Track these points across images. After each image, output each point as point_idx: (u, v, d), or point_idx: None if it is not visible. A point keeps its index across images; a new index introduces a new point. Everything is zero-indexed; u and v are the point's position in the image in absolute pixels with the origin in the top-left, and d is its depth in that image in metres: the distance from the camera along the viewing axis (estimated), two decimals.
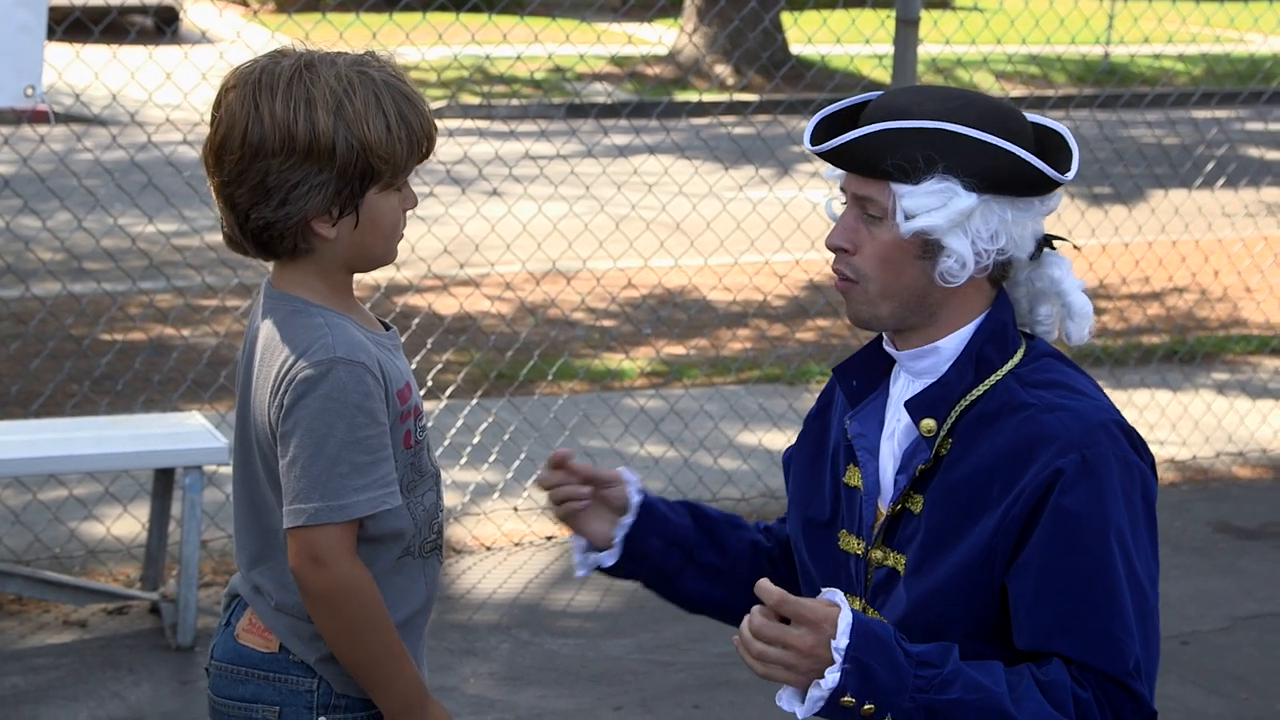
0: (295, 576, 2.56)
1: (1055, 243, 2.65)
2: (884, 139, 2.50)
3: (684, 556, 2.83)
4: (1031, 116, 2.62)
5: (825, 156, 2.56)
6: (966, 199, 2.48)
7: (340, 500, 2.51)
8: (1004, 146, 2.48)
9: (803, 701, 2.38)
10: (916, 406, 2.56)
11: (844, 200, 2.61)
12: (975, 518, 2.49)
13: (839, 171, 2.60)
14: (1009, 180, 2.50)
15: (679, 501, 2.89)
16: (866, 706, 2.36)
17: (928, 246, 2.52)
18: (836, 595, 2.41)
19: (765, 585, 2.37)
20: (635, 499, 2.82)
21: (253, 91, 2.51)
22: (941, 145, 2.48)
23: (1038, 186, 2.52)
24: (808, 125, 2.60)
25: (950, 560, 2.50)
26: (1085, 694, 2.42)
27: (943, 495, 2.52)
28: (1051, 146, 2.58)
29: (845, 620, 2.37)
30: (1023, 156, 2.49)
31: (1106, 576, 2.44)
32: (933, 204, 2.49)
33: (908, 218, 2.50)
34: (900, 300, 2.56)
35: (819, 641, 2.36)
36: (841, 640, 2.36)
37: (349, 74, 2.53)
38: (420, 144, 2.57)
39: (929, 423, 2.55)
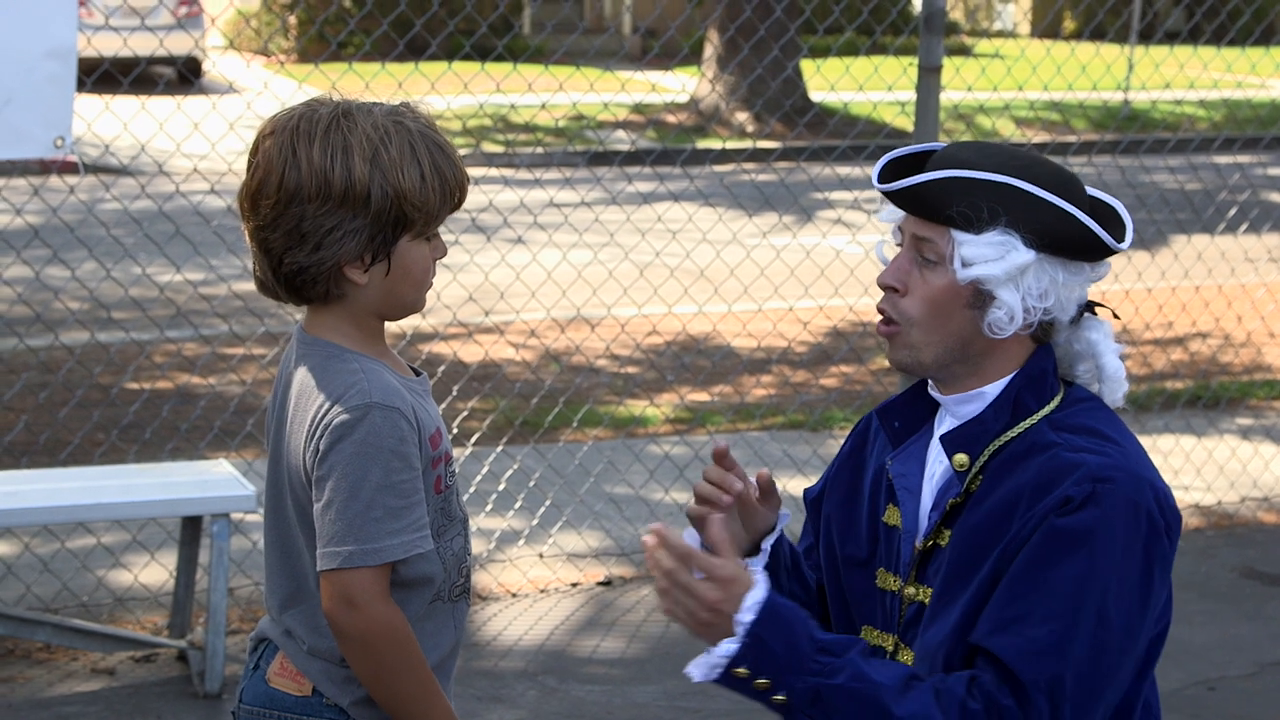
0: (329, 619, 2.57)
1: (1096, 308, 2.70)
2: (954, 186, 2.56)
3: (777, 585, 2.84)
4: (1089, 190, 2.68)
5: (892, 197, 2.62)
6: (1024, 255, 2.54)
7: (374, 544, 2.53)
8: (1067, 209, 2.55)
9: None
10: (951, 441, 2.61)
11: (898, 243, 2.66)
12: (993, 549, 2.53)
13: (896, 214, 2.66)
14: (1067, 242, 2.56)
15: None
16: (760, 681, 2.44)
17: (979, 296, 2.58)
18: (761, 575, 2.47)
19: (664, 534, 2.45)
20: (782, 520, 2.83)
21: (290, 138, 2.55)
22: (1008, 199, 2.55)
23: (1092, 252, 2.59)
24: (876, 165, 2.66)
25: (969, 591, 2.53)
26: (975, 705, 2.42)
27: (967, 530, 2.56)
28: (1105, 219, 2.64)
29: (754, 597, 2.44)
30: (1084, 221, 2.55)
31: (1061, 595, 2.44)
32: (991, 255, 2.55)
33: (965, 265, 2.56)
34: (944, 346, 2.61)
35: (725, 600, 2.43)
36: (745, 615, 2.43)
37: (385, 123, 2.57)
38: (452, 194, 2.61)
39: (961, 457, 2.60)
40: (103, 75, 6.67)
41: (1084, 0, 22.93)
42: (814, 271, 8.56)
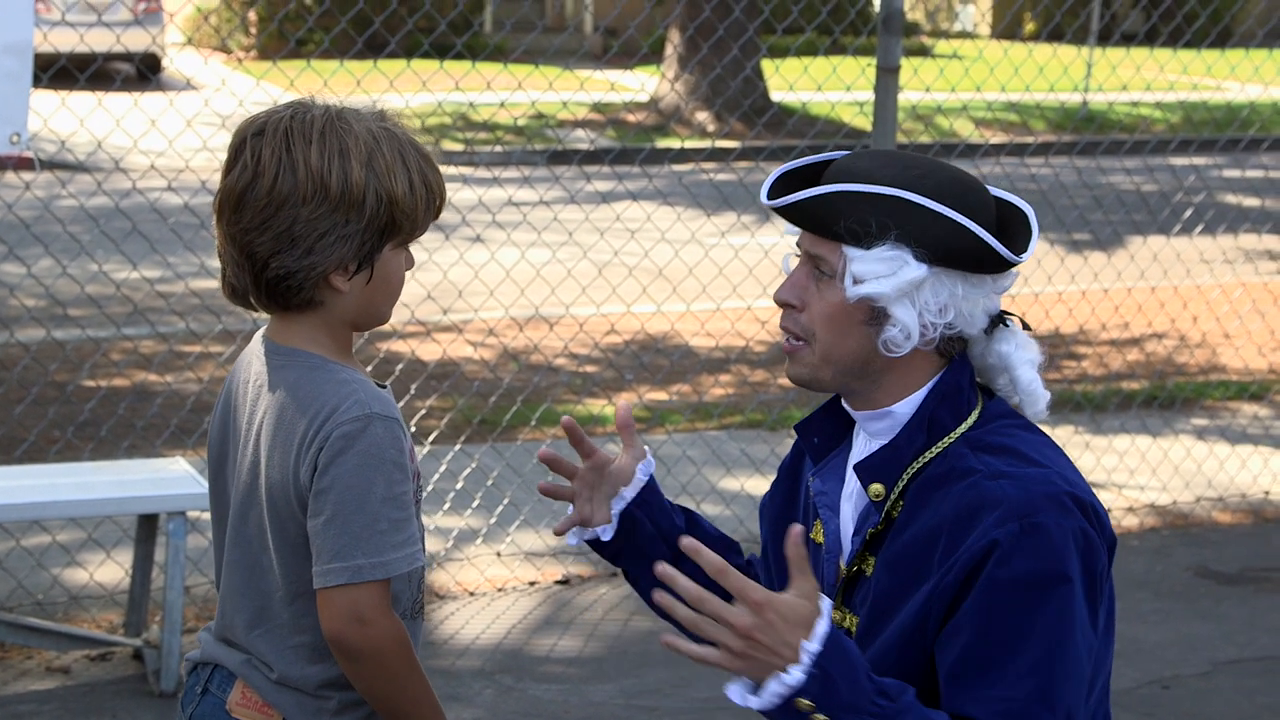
0: (335, 638, 2.50)
1: (1009, 320, 2.61)
2: (840, 200, 2.48)
3: (670, 555, 2.77)
4: (997, 192, 2.60)
5: (780, 212, 2.54)
6: (916, 270, 2.46)
7: (381, 557, 2.48)
8: (958, 220, 2.46)
9: (755, 694, 2.33)
10: (865, 470, 2.55)
11: (799, 255, 2.59)
12: (917, 583, 2.47)
13: (797, 228, 2.58)
14: (961, 255, 2.47)
15: (680, 505, 2.86)
16: (819, 717, 2.34)
17: (874, 313, 2.50)
18: (825, 603, 2.37)
19: (697, 548, 2.31)
20: (641, 477, 2.78)
21: (285, 138, 2.49)
22: (896, 213, 2.46)
23: (991, 264, 2.49)
24: (766, 180, 2.58)
25: (893, 625, 2.49)
26: None
27: (891, 559, 2.51)
28: (1012, 224, 2.55)
29: (823, 627, 2.34)
30: (976, 232, 2.46)
31: (1029, 647, 2.38)
32: (881, 270, 2.47)
33: (855, 282, 2.48)
34: (842, 365, 2.54)
35: (758, 626, 2.30)
36: (814, 645, 2.33)
37: (375, 128, 2.53)
38: (436, 202, 2.58)
39: (877, 487, 2.53)
40: (59, 71, 6.63)
41: (1043, 2, 23.03)
42: (772, 271, 8.57)
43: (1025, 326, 2.65)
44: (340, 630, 2.49)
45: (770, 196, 2.56)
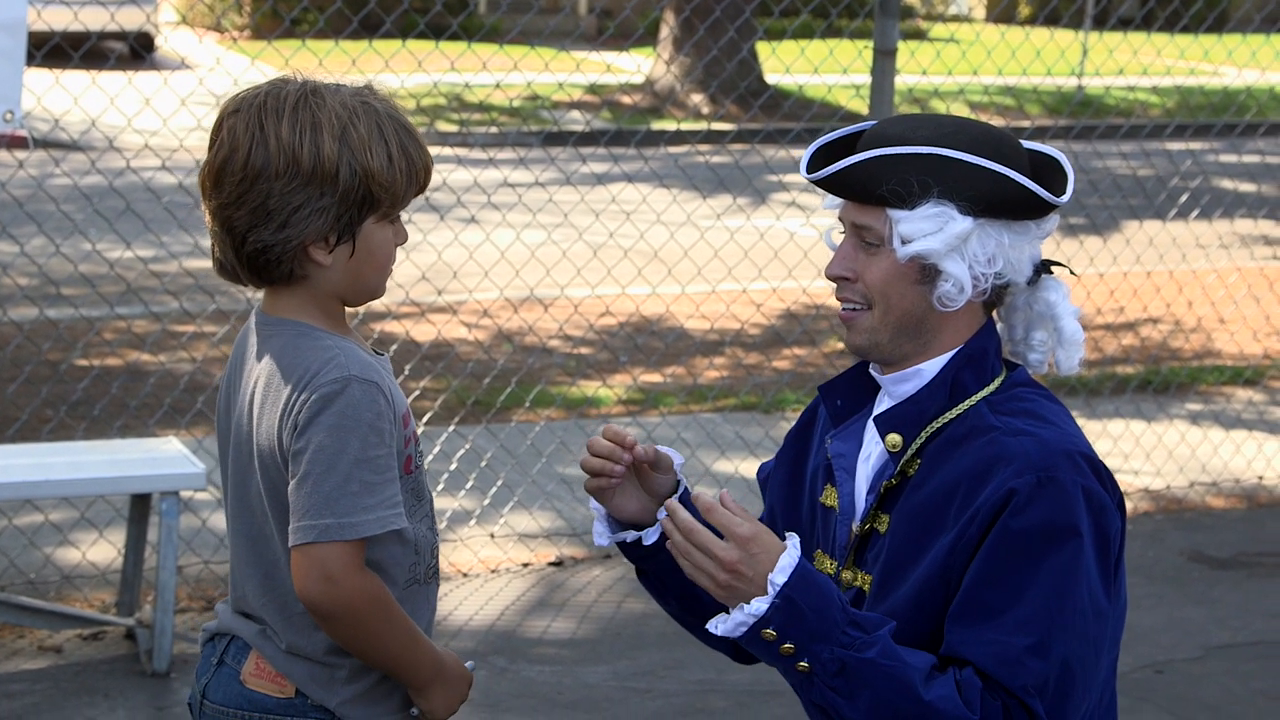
0: (305, 597, 2.52)
1: (1054, 268, 2.67)
2: (879, 165, 2.53)
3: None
4: (1028, 144, 2.65)
5: (821, 184, 2.59)
6: (962, 222, 2.52)
7: (350, 518, 2.50)
8: (997, 170, 2.52)
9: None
10: (884, 422, 2.59)
11: (843, 230, 2.63)
12: (934, 537, 2.51)
13: (838, 201, 2.62)
14: (1003, 203, 2.53)
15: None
16: (786, 645, 2.39)
17: (926, 271, 2.55)
18: (793, 539, 2.43)
19: (675, 507, 2.45)
20: (682, 485, 2.80)
21: (258, 114, 2.52)
22: (936, 170, 2.52)
23: (1032, 209, 2.55)
24: (804, 154, 2.62)
25: (910, 579, 2.52)
26: (995, 702, 2.42)
27: (907, 515, 2.55)
28: (1047, 171, 2.61)
29: (788, 559, 2.40)
30: (1015, 179, 2.52)
31: (1031, 597, 2.43)
32: (929, 228, 2.52)
33: (904, 242, 2.53)
34: (899, 326, 2.58)
35: (743, 560, 2.39)
36: (779, 576, 2.39)
37: (352, 102, 2.54)
38: (418, 176, 2.59)
39: (894, 438, 2.58)
40: (53, 49, 6.59)
41: None
42: (767, 254, 8.57)
43: (1072, 273, 2.74)
44: (309, 589, 2.51)
45: (809, 170, 2.60)
